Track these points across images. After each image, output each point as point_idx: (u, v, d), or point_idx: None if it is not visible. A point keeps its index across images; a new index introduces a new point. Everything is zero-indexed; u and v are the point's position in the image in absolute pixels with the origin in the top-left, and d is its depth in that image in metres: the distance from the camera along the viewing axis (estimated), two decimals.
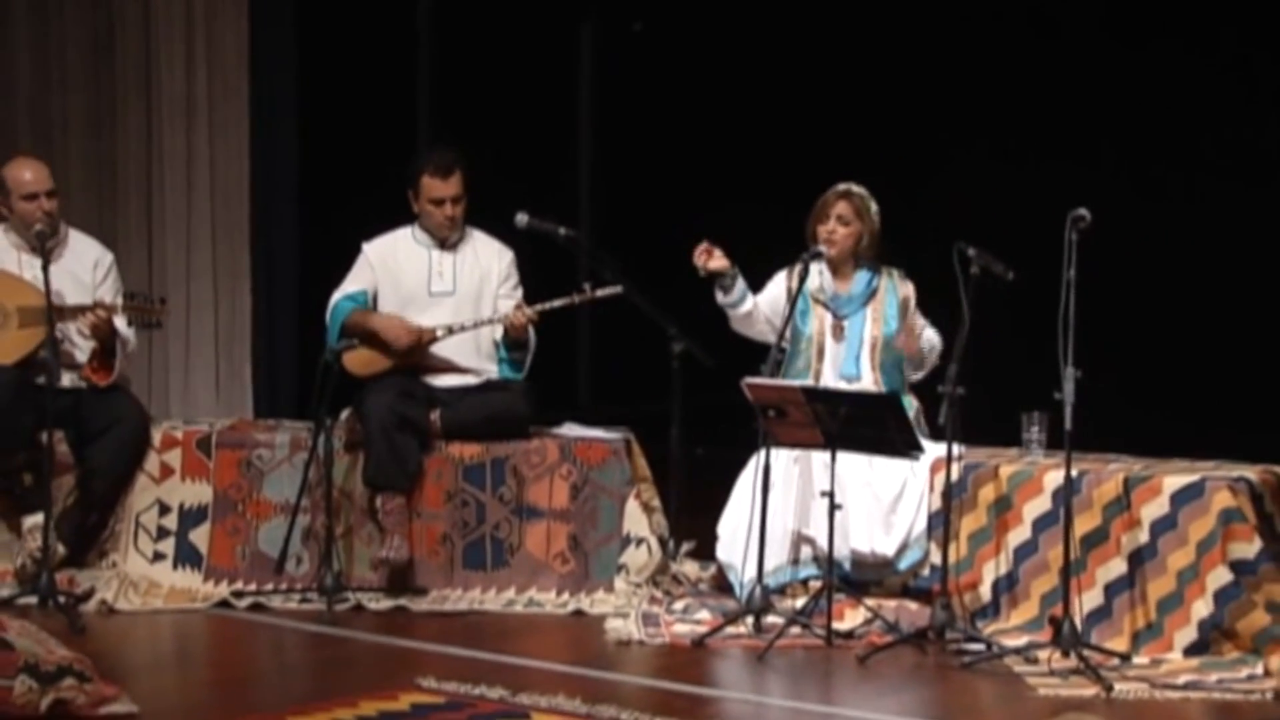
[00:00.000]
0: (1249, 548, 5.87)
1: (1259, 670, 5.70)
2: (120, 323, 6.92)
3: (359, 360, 6.94)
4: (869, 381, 6.81)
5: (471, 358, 7.11)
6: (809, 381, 6.67)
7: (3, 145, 9.04)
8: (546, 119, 10.91)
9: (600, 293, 6.96)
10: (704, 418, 7.11)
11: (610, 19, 11.14)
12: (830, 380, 6.75)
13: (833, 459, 6.17)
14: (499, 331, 7.11)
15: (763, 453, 6.32)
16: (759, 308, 6.94)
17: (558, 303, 7.07)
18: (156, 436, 7.06)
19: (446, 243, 7.16)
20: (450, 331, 7.01)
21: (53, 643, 5.19)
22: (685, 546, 7.06)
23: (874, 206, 6.89)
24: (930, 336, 6.86)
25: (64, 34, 9.20)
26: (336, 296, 7.15)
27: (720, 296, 6.86)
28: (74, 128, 9.19)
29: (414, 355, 7.02)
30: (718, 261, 6.76)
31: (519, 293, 7.22)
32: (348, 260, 7.30)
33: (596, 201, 11.27)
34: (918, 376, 6.87)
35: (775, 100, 10.28)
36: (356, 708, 5.12)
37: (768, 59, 10.28)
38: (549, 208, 7.18)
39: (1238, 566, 5.85)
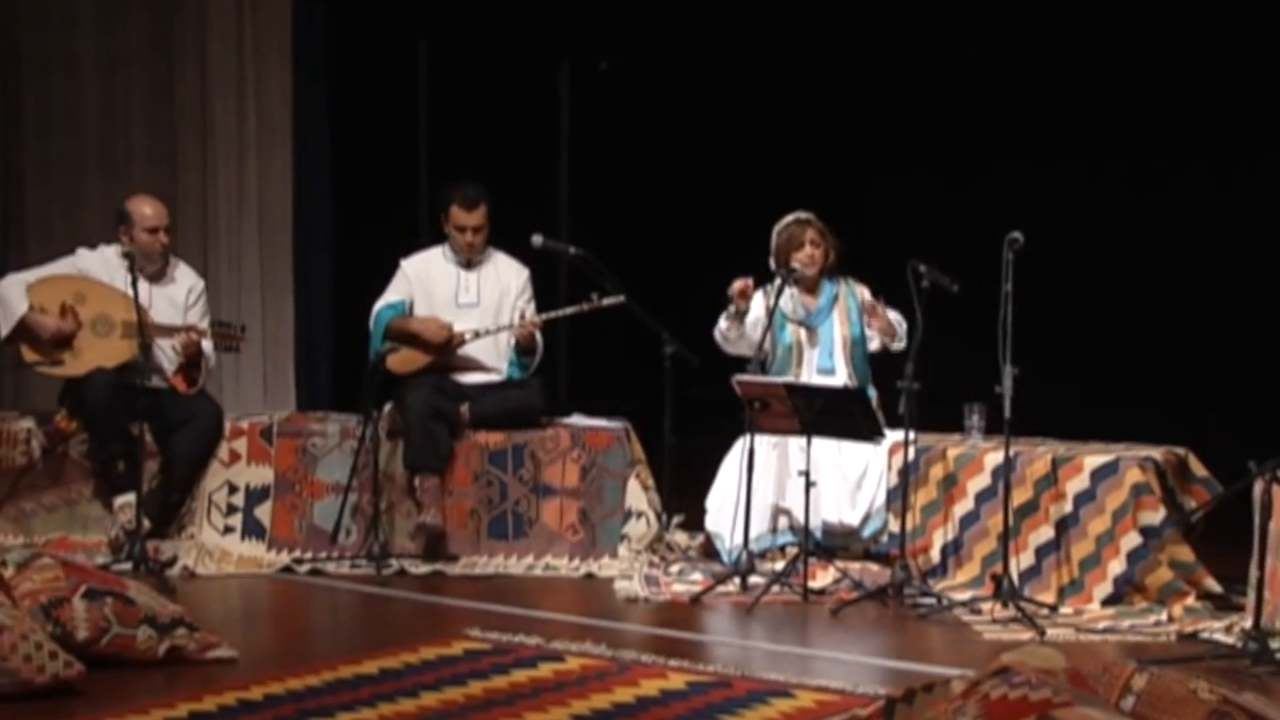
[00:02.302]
0: (1155, 516, 5.97)
1: (1164, 617, 5.82)
2: (206, 344, 7.00)
3: (399, 360, 7.03)
4: (843, 374, 6.86)
5: (493, 359, 7.18)
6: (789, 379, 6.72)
7: (74, 176, 9.18)
8: (530, 146, 10.81)
9: (606, 301, 6.96)
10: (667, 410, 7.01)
11: (583, 58, 11.16)
12: (808, 377, 6.80)
13: (808, 443, 6.22)
14: (514, 337, 7.15)
15: (748, 438, 6.37)
16: (741, 332, 6.93)
17: (569, 310, 7.12)
18: (226, 427, 7.10)
19: (472, 262, 7.22)
20: (477, 335, 7.08)
21: (163, 599, 5.27)
22: (676, 519, 7.11)
23: (823, 226, 6.97)
24: (894, 315, 6.82)
25: (130, 79, 9.20)
26: (379, 305, 7.20)
27: (723, 322, 6.82)
28: (138, 161, 9.17)
29: (446, 354, 7.08)
30: (746, 302, 6.76)
31: (532, 306, 7.26)
32: (376, 274, 7.35)
33: (575, 219, 11.14)
34: (898, 347, 6.77)
35: (731, 126, 10.22)
36: (418, 653, 5.17)
37: (724, 92, 10.19)
38: (532, 226, 7.21)
39: (1146, 532, 5.96)
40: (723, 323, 6.84)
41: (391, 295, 7.24)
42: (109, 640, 4.92)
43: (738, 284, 6.73)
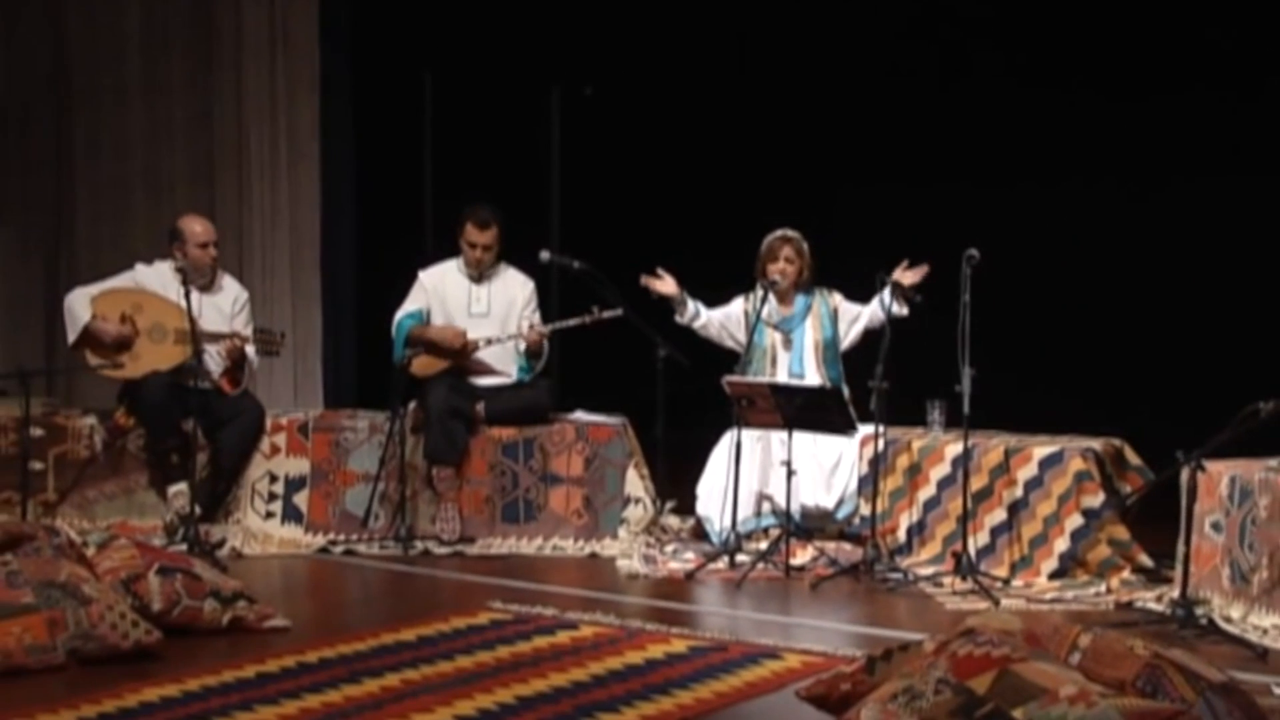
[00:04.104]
0: (1096, 500, 6.13)
1: (1103, 589, 5.99)
2: (249, 349, 7.11)
3: (420, 365, 7.14)
4: (814, 376, 6.98)
5: (504, 363, 7.28)
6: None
7: (122, 196, 9.28)
8: (525, 164, 10.78)
9: (606, 314, 6.96)
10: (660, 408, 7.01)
11: (571, 84, 11.27)
12: (781, 378, 6.91)
13: (789, 436, 6.37)
14: (523, 343, 7.24)
15: (735, 432, 6.53)
16: (713, 321, 7.05)
17: (571, 322, 7.15)
18: (267, 423, 7.19)
19: (483, 275, 7.30)
20: (489, 343, 7.18)
21: (224, 575, 5.47)
22: (669, 504, 7.21)
23: (804, 245, 7.06)
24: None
25: (172, 108, 9.30)
26: (400, 315, 7.26)
27: (676, 316, 7.02)
28: (180, 183, 9.27)
29: (462, 359, 7.19)
30: (666, 288, 6.93)
31: (537, 315, 7.36)
32: (396, 285, 7.41)
33: (566, 231, 10.94)
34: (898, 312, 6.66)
35: (706, 143, 10.22)
36: (449, 623, 5.36)
37: (698, 112, 10.21)
38: (528, 238, 7.28)
39: (1088, 513, 6.12)
40: (676, 316, 7.06)
41: (410, 305, 7.33)
42: (179, 611, 5.12)
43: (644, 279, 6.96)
